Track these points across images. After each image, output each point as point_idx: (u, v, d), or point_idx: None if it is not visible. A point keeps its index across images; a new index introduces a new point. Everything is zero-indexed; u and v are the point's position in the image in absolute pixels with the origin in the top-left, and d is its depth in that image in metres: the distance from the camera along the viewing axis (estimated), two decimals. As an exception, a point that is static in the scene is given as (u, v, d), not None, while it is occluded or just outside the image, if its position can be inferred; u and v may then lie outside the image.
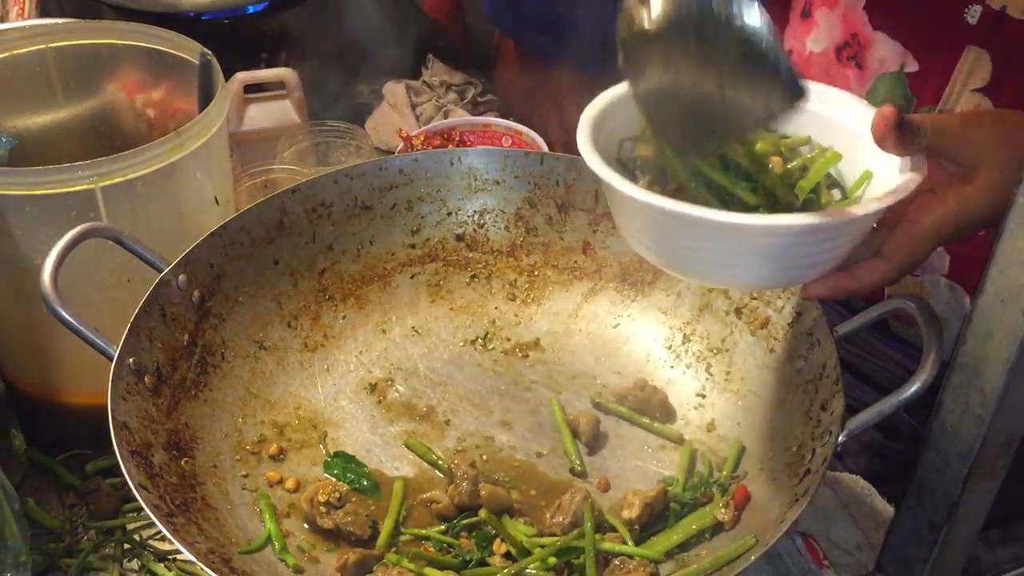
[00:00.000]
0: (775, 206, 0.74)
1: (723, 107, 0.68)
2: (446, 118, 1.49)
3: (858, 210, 0.69)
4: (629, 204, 0.74)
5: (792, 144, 0.79)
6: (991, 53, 0.92)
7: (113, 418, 0.79)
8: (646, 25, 0.69)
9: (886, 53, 0.99)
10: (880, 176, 0.76)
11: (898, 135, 0.70)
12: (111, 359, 0.82)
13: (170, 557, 0.97)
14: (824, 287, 0.75)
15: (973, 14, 0.92)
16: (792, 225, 0.69)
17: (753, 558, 0.74)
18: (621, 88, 0.81)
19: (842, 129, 0.78)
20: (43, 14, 1.44)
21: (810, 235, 0.70)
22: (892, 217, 0.75)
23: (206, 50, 1.06)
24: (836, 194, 0.78)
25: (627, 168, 0.78)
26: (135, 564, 0.96)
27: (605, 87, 1.38)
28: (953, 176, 0.75)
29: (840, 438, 0.77)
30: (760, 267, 0.73)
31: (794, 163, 0.77)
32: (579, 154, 0.76)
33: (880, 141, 0.71)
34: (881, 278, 0.75)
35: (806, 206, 0.75)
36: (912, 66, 0.98)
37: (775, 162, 0.76)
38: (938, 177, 0.75)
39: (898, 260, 0.75)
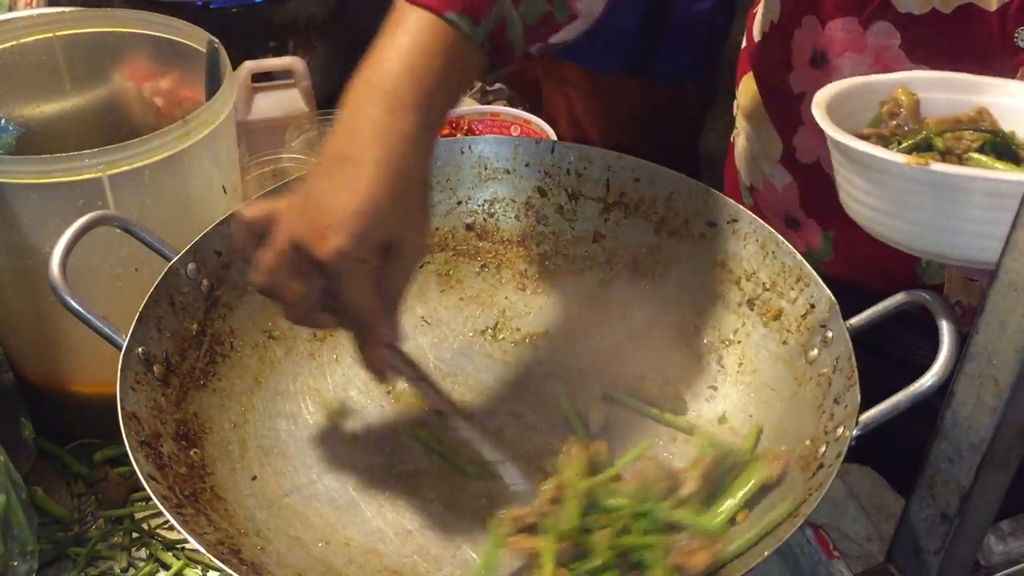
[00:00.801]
0: None
1: None
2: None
3: None
4: (898, 181, 0.72)
5: None
6: None
7: (122, 408, 0.79)
8: None
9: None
10: None
11: None
12: (120, 348, 0.82)
13: (178, 546, 0.97)
14: None
15: None
16: None
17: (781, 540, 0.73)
18: (843, 83, 0.82)
19: None
20: (52, 3, 1.44)
21: None
22: None
23: (213, 38, 1.05)
24: None
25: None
26: (143, 553, 0.97)
27: (611, 81, 1.37)
28: None
29: (854, 432, 0.77)
30: None
31: None
32: (588, 143, 0.75)
33: None
34: None
35: None
36: None
37: None
38: None
39: None
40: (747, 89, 1.17)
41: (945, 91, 0.83)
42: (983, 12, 0.91)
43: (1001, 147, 0.76)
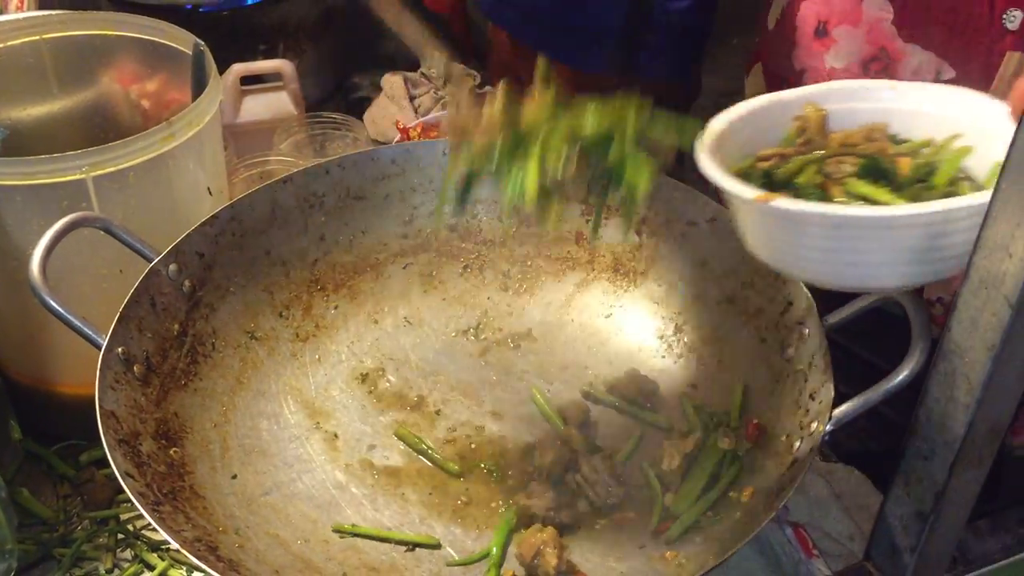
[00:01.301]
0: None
1: None
2: (444, 109, 1.49)
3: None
4: (760, 215, 0.73)
5: (913, 148, 0.78)
6: None
7: (101, 407, 0.79)
8: None
9: (920, 63, 0.98)
10: None
11: None
12: (100, 348, 0.83)
13: (163, 547, 0.97)
14: None
15: (1012, 19, 0.92)
16: (944, 210, 0.67)
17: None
18: (754, 102, 0.81)
19: (962, 125, 0.77)
20: (43, 7, 1.44)
21: (961, 220, 0.68)
22: None
23: (199, 40, 1.06)
24: (969, 187, 0.76)
25: (769, 181, 0.77)
26: (128, 554, 0.97)
27: (599, 80, 1.38)
28: None
29: (828, 427, 0.77)
30: (905, 263, 0.71)
31: (920, 161, 0.76)
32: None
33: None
34: None
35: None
36: (948, 73, 0.97)
37: (902, 163, 0.75)
38: None
39: None
40: (754, 80, 1.18)
41: (853, 101, 0.81)
42: None
43: (875, 170, 0.75)
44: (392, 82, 1.56)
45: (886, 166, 0.74)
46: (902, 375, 0.75)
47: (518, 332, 1.04)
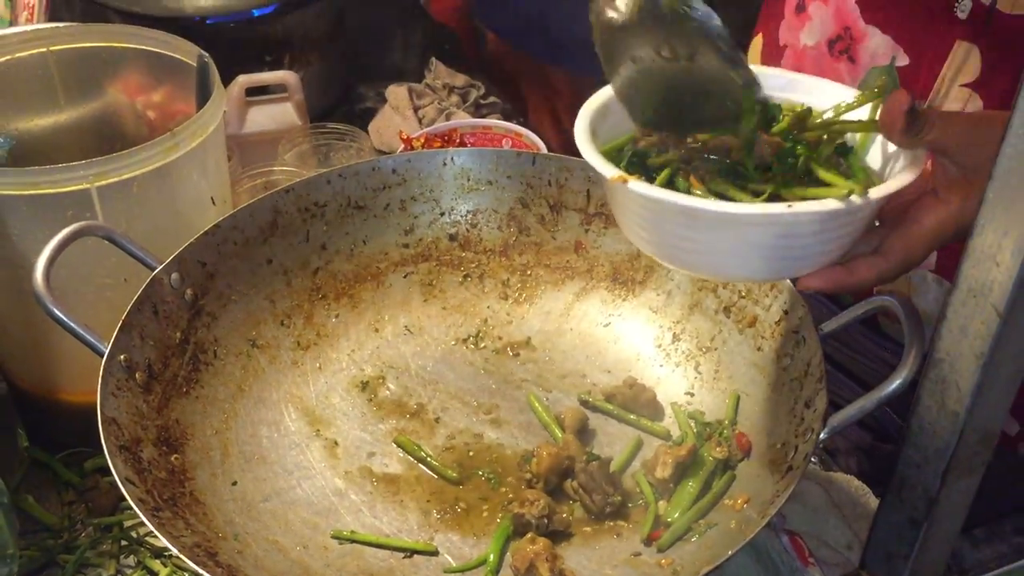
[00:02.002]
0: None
1: (692, 99, 0.69)
2: (448, 120, 1.50)
3: (856, 198, 0.69)
4: (622, 195, 0.74)
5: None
6: (980, 48, 0.92)
7: (102, 413, 0.80)
8: (611, 15, 0.70)
9: (878, 47, 0.99)
10: (878, 172, 0.76)
11: (907, 122, 0.70)
12: (102, 356, 0.84)
13: (166, 554, 0.98)
14: (820, 280, 0.75)
15: (963, 8, 0.92)
16: (788, 213, 0.68)
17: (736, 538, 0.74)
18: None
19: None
20: (52, 19, 1.46)
21: (808, 224, 0.70)
22: (892, 216, 0.75)
23: (203, 52, 1.07)
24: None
25: (641, 162, 0.78)
26: (132, 560, 0.98)
27: (597, 85, 1.37)
28: (955, 178, 0.74)
29: (822, 435, 0.77)
30: (755, 259, 0.73)
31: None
32: (573, 154, 0.77)
33: (888, 127, 0.71)
34: (878, 274, 0.75)
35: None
36: (903, 60, 0.98)
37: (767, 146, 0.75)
38: (940, 179, 0.75)
39: (896, 258, 0.75)
40: (752, 53, 1.19)
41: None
42: None
43: (729, 171, 0.75)
44: (396, 93, 1.57)
45: (737, 167, 0.74)
46: (896, 383, 0.75)
47: (517, 341, 1.04)
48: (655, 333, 1.01)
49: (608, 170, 0.73)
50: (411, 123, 1.53)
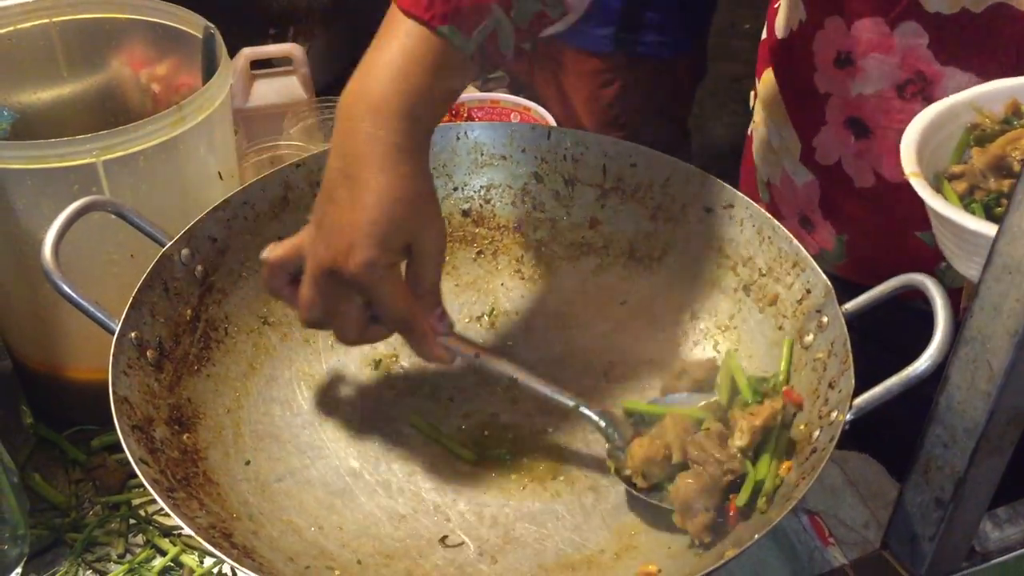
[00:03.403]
0: None
1: None
2: (454, 94, 1.48)
3: None
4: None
5: None
6: None
7: (114, 392, 0.79)
8: None
9: (959, 84, 0.95)
10: None
11: None
12: (113, 333, 0.82)
13: (175, 532, 0.97)
14: None
15: None
16: None
17: (757, 536, 0.73)
18: (948, 101, 0.79)
19: None
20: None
21: None
22: None
23: (209, 24, 1.05)
24: None
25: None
26: (140, 539, 0.97)
27: (600, 56, 1.34)
28: None
29: (848, 417, 0.76)
30: None
31: None
32: (580, 126, 0.75)
33: None
34: None
35: None
36: None
37: None
38: None
39: None
40: (767, 84, 1.15)
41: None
42: (1014, 11, 0.89)
43: None
44: (402, 66, 1.55)
45: None
46: (925, 363, 0.74)
47: (533, 319, 1.03)
48: (673, 311, 1.00)
49: (985, 226, 0.69)
50: (417, 97, 1.50)
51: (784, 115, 1.11)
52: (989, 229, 0.69)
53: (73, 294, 0.82)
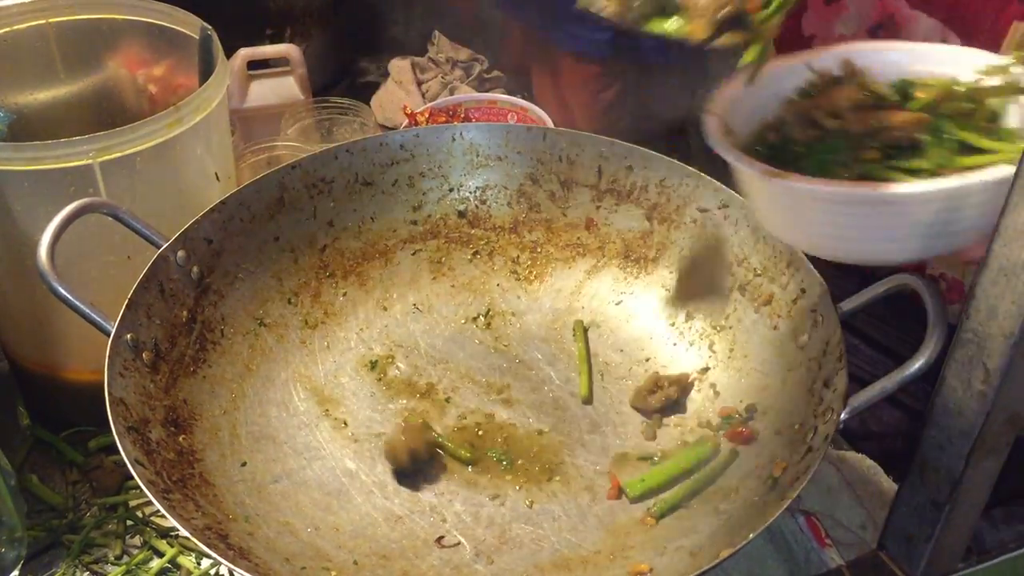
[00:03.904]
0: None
1: None
2: (452, 95, 1.48)
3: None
4: (769, 190, 0.72)
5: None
6: None
7: (110, 394, 0.79)
8: None
9: (925, 31, 0.97)
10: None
11: None
12: (108, 335, 0.82)
13: (172, 534, 0.97)
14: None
15: None
16: (960, 187, 0.66)
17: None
18: (788, 59, 0.80)
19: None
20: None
21: (979, 194, 0.68)
22: None
23: (206, 24, 1.05)
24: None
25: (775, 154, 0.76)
26: (137, 540, 0.97)
27: (598, 61, 1.34)
28: None
29: (843, 416, 0.76)
30: (914, 238, 0.71)
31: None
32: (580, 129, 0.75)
33: None
34: None
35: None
36: (953, 41, 0.96)
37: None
38: None
39: None
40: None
41: (868, 63, 0.80)
42: None
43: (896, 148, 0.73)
44: (399, 67, 1.55)
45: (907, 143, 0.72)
46: (919, 363, 0.74)
47: (528, 319, 1.03)
48: (668, 311, 1.00)
49: (757, 166, 0.71)
50: (415, 97, 1.51)
51: None
52: (741, 164, 0.71)
53: (69, 296, 0.82)
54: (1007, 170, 0.66)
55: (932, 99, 0.74)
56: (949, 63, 0.77)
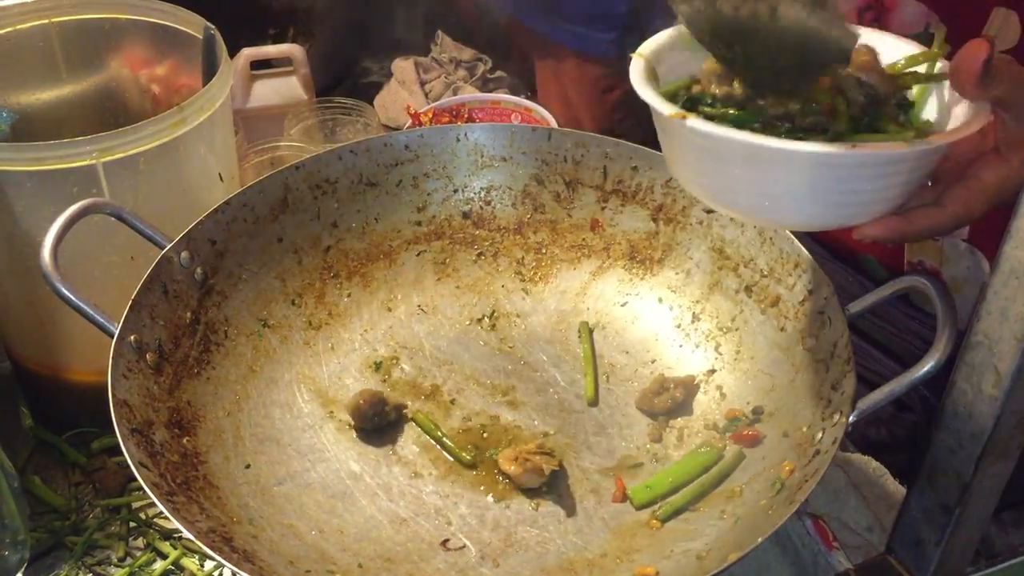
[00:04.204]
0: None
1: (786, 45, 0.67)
2: (455, 95, 1.48)
3: (921, 144, 0.67)
4: (678, 134, 0.73)
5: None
6: (1021, 14, 0.89)
7: (113, 395, 0.78)
8: None
9: (910, 16, 0.97)
10: (937, 127, 0.74)
11: (982, 72, 0.67)
12: (112, 336, 0.82)
13: (175, 535, 0.96)
14: (878, 228, 0.73)
15: None
16: (851, 154, 0.66)
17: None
18: (679, 28, 0.80)
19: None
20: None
21: (872, 167, 0.68)
22: (953, 171, 0.74)
23: (209, 24, 1.04)
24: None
25: (695, 106, 0.75)
26: (140, 542, 0.96)
27: (605, 65, 1.34)
28: (1018, 137, 0.72)
29: (851, 418, 0.76)
30: (813, 203, 0.71)
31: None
32: (581, 128, 0.74)
33: (963, 76, 0.68)
34: (935, 225, 0.73)
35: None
36: (939, 26, 0.96)
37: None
38: (1003, 136, 0.73)
39: (954, 210, 0.73)
40: None
41: None
42: None
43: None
44: (403, 67, 1.55)
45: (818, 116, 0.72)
46: (928, 365, 0.73)
47: (533, 320, 1.02)
48: (674, 313, 0.99)
49: (666, 107, 0.71)
50: (418, 97, 1.50)
51: None
52: (655, 104, 0.71)
53: (72, 297, 0.82)
54: (900, 148, 0.66)
55: (848, 74, 0.73)
56: (878, 46, 0.76)
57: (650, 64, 0.77)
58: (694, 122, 0.69)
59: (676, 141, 0.74)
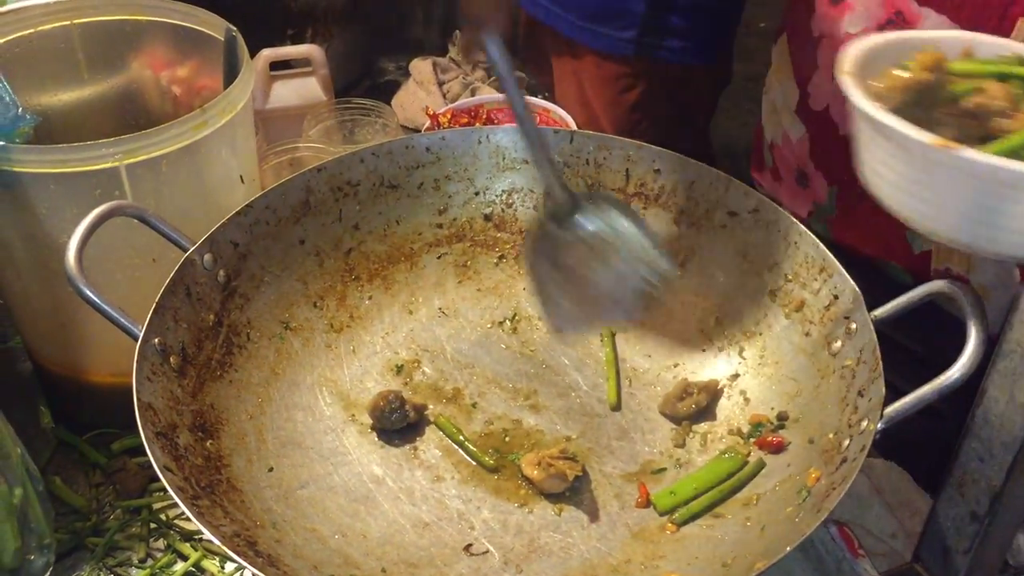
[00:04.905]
0: None
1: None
2: (473, 95, 1.47)
3: None
4: (932, 165, 0.65)
5: None
6: None
7: (138, 399, 0.78)
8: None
9: (934, 26, 0.96)
10: None
11: None
12: (136, 339, 0.82)
13: (196, 537, 0.96)
14: None
15: None
16: None
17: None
18: (908, 33, 0.76)
19: None
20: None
21: None
22: None
23: (231, 26, 1.04)
24: None
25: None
26: (161, 544, 0.96)
27: (621, 60, 1.33)
28: None
29: (879, 425, 0.75)
30: None
31: None
32: (600, 129, 0.74)
33: None
34: None
35: None
36: None
37: None
38: None
39: None
40: (780, 49, 1.17)
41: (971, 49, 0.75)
42: None
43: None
44: (420, 67, 1.54)
45: None
46: (958, 372, 0.73)
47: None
48: (697, 316, 0.99)
49: (925, 136, 0.64)
50: (436, 98, 1.50)
51: (788, 66, 1.13)
52: (907, 130, 0.65)
53: (97, 300, 0.82)
54: None
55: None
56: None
57: (864, 81, 0.70)
58: (973, 154, 0.61)
59: (935, 177, 0.66)
